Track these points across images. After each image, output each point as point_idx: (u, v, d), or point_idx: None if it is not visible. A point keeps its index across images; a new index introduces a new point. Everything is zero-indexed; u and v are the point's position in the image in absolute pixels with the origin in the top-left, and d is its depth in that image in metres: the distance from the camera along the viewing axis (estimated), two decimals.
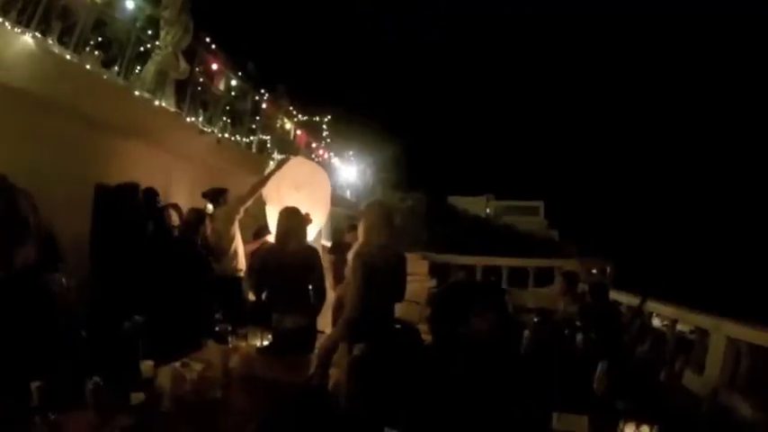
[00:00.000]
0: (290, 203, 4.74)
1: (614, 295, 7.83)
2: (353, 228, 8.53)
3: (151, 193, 5.43)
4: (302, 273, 3.87)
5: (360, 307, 3.34)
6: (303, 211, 4.32)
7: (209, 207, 5.86)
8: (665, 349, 6.95)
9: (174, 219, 5.20)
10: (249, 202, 5.43)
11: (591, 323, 4.89)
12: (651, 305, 7.56)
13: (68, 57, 5.23)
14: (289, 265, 3.85)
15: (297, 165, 5.88)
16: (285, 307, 3.83)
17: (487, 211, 32.66)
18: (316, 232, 5.70)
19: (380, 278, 3.42)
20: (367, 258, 3.42)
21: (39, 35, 4.92)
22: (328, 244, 9.19)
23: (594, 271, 12.06)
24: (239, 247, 5.61)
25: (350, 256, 3.73)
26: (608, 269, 12.73)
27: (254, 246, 6.78)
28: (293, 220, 4.03)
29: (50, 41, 5.14)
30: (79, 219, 4.74)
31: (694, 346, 6.47)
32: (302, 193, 5.31)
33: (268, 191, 5.46)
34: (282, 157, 6.17)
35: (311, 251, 4.04)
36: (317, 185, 5.66)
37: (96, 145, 5.63)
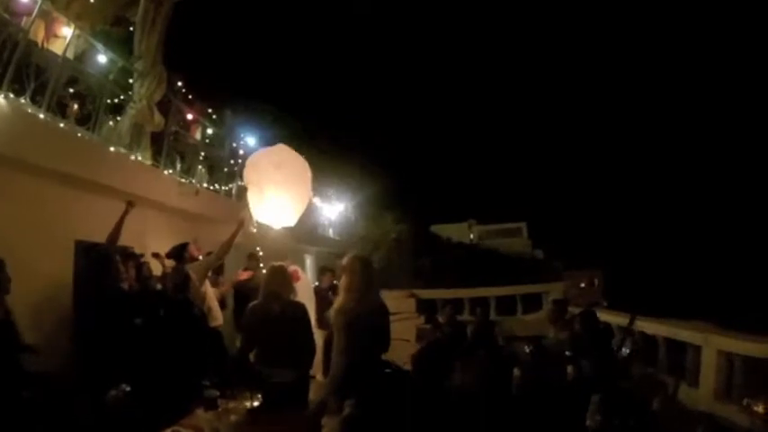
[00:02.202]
0: (270, 183, 4.72)
1: (604, 316, 7.86)
2: (327, 270, 8.55)
3: (130, 255, 5.41)
4: (291, 329, 3.83)
5: (345, 364, 3.34)
6: (283, 190, 4.28)
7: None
8: (659, 367, 6.96)
9: (155, 268, 5.17)
10: (216, 264, 5.47)
11: (582, 352, 4.89)
12: (640, 323, 7.58)
13: (42, 116, 5.19)
14: (277, 322, 3.81)
15: (277, 149, 5.73)
16: (274, 362, 3.76)
17: (471, 236, 32.87)
18: (298, 216, 5.65)
19: (364, 332, 3.41)
20: (349, 314, 3.43)
21: (11, 95, 4.89)
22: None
23: (583, 285, 12.15)
24: (212, 301, 5.76)
25: (332, 311, 3.73)
26: (596, 280, 12.84)
27: (244, 275, 6.75)
28: (279, 277, 4.02)
29: (23, 101, 5.11)
30: (59, 276, 4.68)
31: (687, 359, 6.50)
32: (282, 172, 5.22)
33: (248, 173, 5.42)
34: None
35: (299, 307, 4.01)
36: (299, 168, 5.50)
37: (74, 202, 5.59)
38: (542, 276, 15.55)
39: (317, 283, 8.65)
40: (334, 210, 18.09)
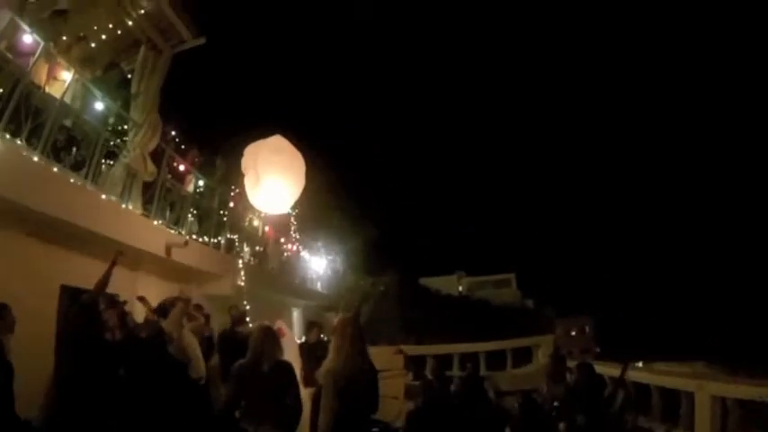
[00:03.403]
0: (268, 165, 4.73)
1: (596, 368, 7.79)
2: (314, 325, 8.46)
3: (115, 303, 5.33)
4: (278, 389, 3.81)
5: (333, 423, 3.33)
6: (279, 174, 4.27)
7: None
8: (652, 415, 6.85)
9: (139, 312, 5.11)
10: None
11: (578, 406, 4.85)
12: (632, 373, 7.54)
13: (36, 159, 5.23)
14: (265, 381, 3.79)
15: (274, 138, 5.79)
16: (261, 420, 3.70)
17: (459, 288, 32.73)
18: (292, 202, 5.66)
19: (353, 394, 3.45)
20: (338, 376, 3.46)
21: (8, 136, 4.94)
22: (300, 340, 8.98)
23: (574, 333, 12.11)
24: (192, 352, 5.65)
25: (321, 372, 3.74)
26: (587, 327, 12.82)
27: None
28: (268, 337, 4.02)
29: (19, 142, 5.14)
30: (43, 320, 4.59)
31: (681, 405, 6.43)
32: (280, 157, 5.32)
33: (245, 160, 5.46)
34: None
35: (287, 367, 4.00)
36: (294, 156, 5.60)
37: (62, 246, 5.55)
38: (533, 326, 15.47)
39: (303, 338, 8.53)
40: (322, 263, 18.02)
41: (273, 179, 5.22)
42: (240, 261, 11.21)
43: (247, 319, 8.87)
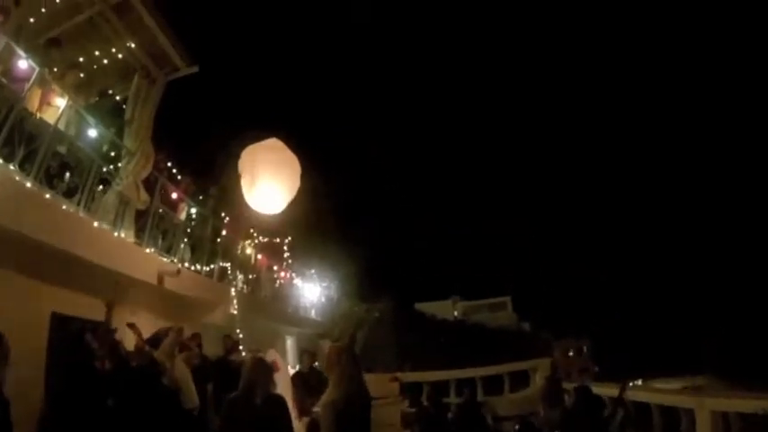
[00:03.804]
0: (264, 164, 4.75)
1: (595, 389, 7.75)
2: (307, 353, 8.36)
3: (106, 331, 5.27)
4: (271, 423, 3.77)
5: None
6: (275, 173, 4.26)
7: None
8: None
9: (129, 339, 5.05)
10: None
11: (575, 429, 4.82)
12: (631, 392, 7.48)
13: (29, 185, 5.19)
14: (257, 415, 3.74)
15: (272, 140, 5.82)
16: None
17: (455, 313, 32.52)
18: (286, 203, 5.65)
19: (350, 425, 3.46)
20: (336, 407, 3.46)
21: (1, 161, 4.90)
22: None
23: (571, 353, 12.06)
24: (184, 382, 5.69)
25: (321, 407, 3.73)
26: (584, 348, 12.77)
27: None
28: (261, 370, 3.99)
29: (12, 167, 5.09)
30: (32, 347, 4.50)
31: (682, 422, 6.37)
32: (276, 156, 5.39)
33: (242, 161, 5.49)
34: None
35: (278, 400, 3.97)
36: (290, 157, 5.65)
37: (54, 273, 5.48)
38: (530, 349, 15.36)
39: (297, 367, 8.45)
40: (316, 290, 17.88)
41: (268, 177, 5.30)
42: (233, 289, 11.12)
43: (240, 347, 8.78)
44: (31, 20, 6.23)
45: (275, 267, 15.11)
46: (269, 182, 5.28)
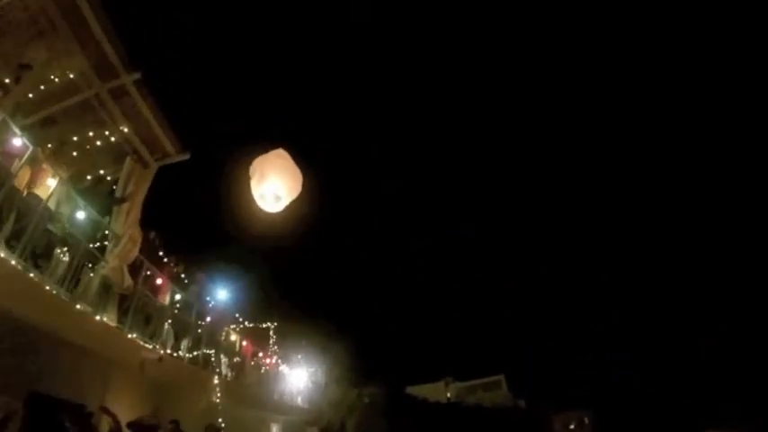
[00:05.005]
0: (272, 165, 5.39)
1: None
2: None
3: (81, 416, 5.08)
4: None
5: None
6: (280, 173, 5.15)
7: None
8: None
9: (105, 424, 4.83)
10: None
11: None
12: None
13: (14, 262, 5.18)
14: None
15: (280, 149, 6.04)
16: None
17: (448, 395, 31.21)
18: (287, 202, 5.80)
19: None
20: None
21: None
22: None
23: (573, 426, 11.60)
24: None
25: None
26: (585, 420, 12.30)
27: None
28: None
29: None
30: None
31: None
32: (282, 160, 5.71)
33: (253, 167, 5.70)
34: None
35: None
36: (293, 166, 5.90)
37: (31, 351, 5.32)
38: (528, 427, 14.68)
39: None
40: (303, 375, 17.23)
41: (275, 175, 5.69)
42: (216, 377, 10.76)
43: None
44: (30, 95, 6.49)
45: (261, 354, 14.70)
46: (275, 179, 5.69)
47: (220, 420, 9.50)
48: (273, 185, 5.71)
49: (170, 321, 9.56)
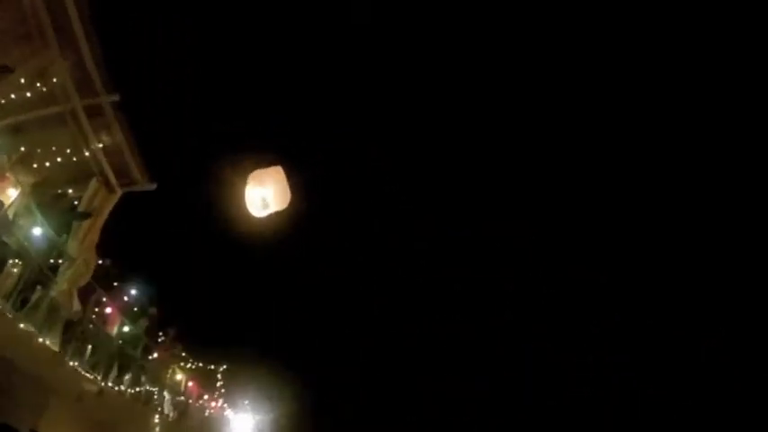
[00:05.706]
0: (268, 174, 5.62)
1: None
2: None
3: None
4: None
5: None
6: (275, 182, 5.36)
7: None
8: None
9: None
10: None
11: None
12: None
13: None
14: None
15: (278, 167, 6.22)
16: None
17: None
18: (277, 208, 5.86)
19: None
20: None
21: None
22: None
23: None
24: None
25: None
26: None
27: None
28: None
29: None
30: None
31: None
32: (277, 173, 5.82)
33: (251, 177, 5.83)
34: None
35: None
36: (284, 180, 6.06)
37: None
38: None
39: None
40: (249, 422, 16.58)
41: (271, 183, 5.90)
42: (157, 416, 10.32)
43: None
44: (2, 101, 6.41)
45: (206, 396, 14.19)
46: (270, 187, 5.91)
47: None
48: (268, 191, 6.06)
49: (116, 354, 9.24)
